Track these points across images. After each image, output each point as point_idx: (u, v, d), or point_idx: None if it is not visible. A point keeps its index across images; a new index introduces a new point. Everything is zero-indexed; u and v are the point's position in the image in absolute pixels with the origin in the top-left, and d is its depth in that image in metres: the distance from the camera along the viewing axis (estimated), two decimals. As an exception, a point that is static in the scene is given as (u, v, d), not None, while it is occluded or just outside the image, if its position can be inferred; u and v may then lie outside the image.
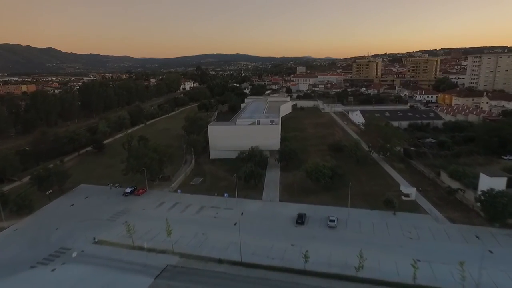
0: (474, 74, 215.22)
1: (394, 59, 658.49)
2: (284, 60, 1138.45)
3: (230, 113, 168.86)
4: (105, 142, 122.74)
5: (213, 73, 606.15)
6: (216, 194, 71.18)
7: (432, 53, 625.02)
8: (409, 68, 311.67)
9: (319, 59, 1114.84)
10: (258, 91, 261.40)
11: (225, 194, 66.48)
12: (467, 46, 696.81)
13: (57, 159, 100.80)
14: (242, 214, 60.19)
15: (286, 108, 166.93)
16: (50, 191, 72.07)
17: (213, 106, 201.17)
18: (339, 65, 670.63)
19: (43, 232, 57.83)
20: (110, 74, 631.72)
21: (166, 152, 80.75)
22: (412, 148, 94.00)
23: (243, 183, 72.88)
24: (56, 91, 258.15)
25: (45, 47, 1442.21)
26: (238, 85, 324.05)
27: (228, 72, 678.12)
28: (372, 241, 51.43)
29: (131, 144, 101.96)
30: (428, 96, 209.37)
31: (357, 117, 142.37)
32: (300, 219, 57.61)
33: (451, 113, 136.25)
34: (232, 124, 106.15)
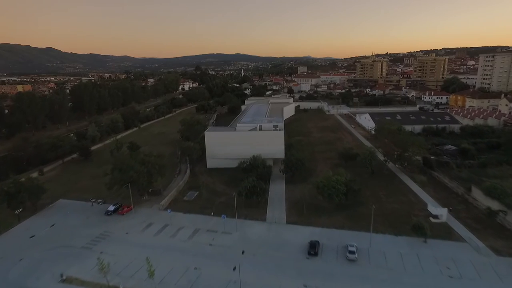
0: (487, 74, 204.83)
1: (395, 59, 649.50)
2: (285, 60, 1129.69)
3: (229, 115, 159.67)
4: (93, 148, 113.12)
5: (213, 73, 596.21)
6: (212, 213, 61.32)
7: (434, 53, 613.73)
8: (415, 68, 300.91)
9: (320, 59, 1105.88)
10: (259, 91, 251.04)
11: (223, 216, 56.55)
12: (469, 46, 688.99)
13: (37, 168, 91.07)
14: (243, 252, 48.67)
15: (289, 110, 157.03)
16: (20, 209, 62.03)
17: (212, 107, 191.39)
18: (340, 65, 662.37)
19: (3, 265, 47.96)
20: (109, 74, 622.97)
21: (157, 164, 70.42)
22: (432, 157, 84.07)
23: (243, 199, 63.10)
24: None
25: (44, 47, 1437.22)
26: (238, 85, 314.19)
27: (228, 72, 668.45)
28: (403, 280, 41.67)
29: (120, 151, 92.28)
30: (437, 97, 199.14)
31: (365, 120, 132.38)
32: (313, 249, 47.70)
33: (468, 116, 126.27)
34: (231, 130, 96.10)
